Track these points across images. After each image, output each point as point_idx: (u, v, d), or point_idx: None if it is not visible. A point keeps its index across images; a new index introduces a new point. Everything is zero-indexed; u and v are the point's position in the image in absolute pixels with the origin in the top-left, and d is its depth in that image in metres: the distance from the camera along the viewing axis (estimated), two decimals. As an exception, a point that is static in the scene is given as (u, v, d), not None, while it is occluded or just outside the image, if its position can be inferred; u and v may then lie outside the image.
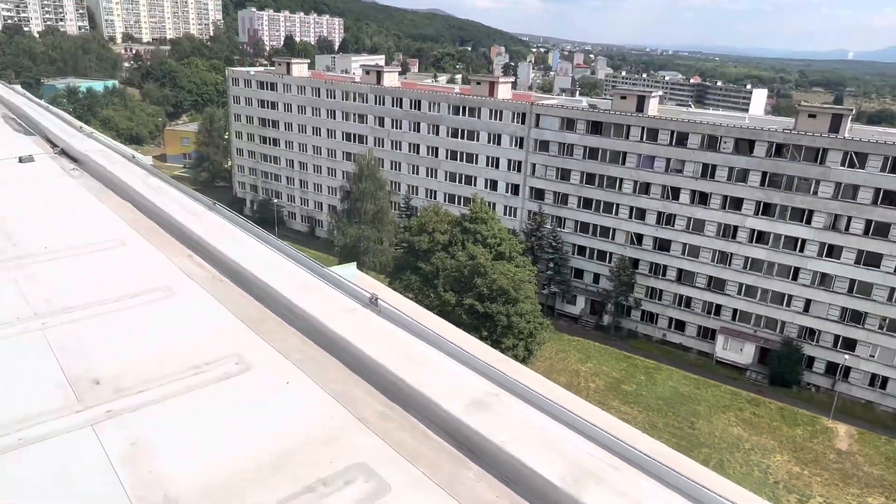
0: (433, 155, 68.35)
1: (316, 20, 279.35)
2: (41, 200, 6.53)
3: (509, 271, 42.93)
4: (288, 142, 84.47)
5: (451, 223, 49.66)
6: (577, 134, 54.37)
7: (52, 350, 3.57)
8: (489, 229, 46.41)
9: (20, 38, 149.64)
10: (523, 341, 42.25)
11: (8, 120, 11.20)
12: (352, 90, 75.00)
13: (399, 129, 70.68)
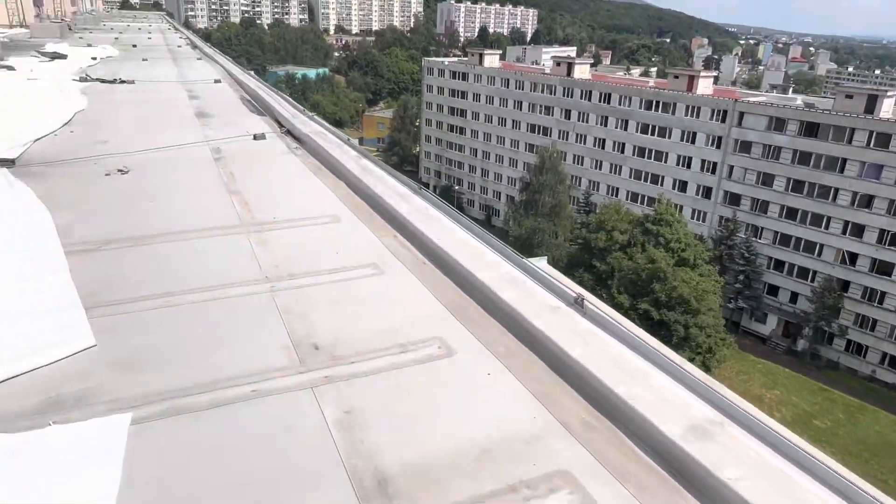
0: (619, 151, 65.75)
1: (511, 11, 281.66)
2: (270, 174, 7.29)
3: (692, 279, 40.05)
4: (473, 131, 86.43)
5: (631, 223, 47.52)
6: (787, 136, 48.74)
7: (280, 312, 3.91)
8: (673, 233, 43.62)
9: (253, 30, 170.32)
10: (700, 356, 39.28)
11: (245, 101, 12.70)
12: (540, 81, 74.47)
13: (585, 122, 68.92)
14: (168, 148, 8.28)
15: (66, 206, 5.87)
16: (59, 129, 9.41)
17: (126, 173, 7.08)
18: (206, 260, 4.74)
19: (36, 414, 2.90)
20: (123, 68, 17.82)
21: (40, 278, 4.26)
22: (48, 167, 7.33)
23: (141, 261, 4.69)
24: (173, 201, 6.16)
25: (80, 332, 3.55)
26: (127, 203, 6.06)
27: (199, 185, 6.73)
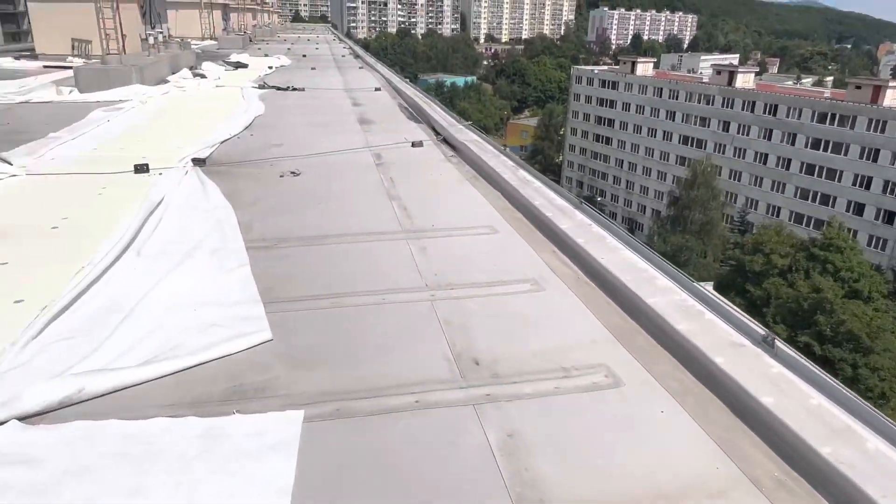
0: (783, 167, 60.34)
1: (667, 17, 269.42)
2: (428, 181, 7.44)
3: (865, 314, 35.66)
4: (620, 141, 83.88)
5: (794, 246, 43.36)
6: None
7: (440, 322, 3.91)
8: (845, 260, 39.15)
9: (408, 40, 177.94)
10: (871, 402, 34.78)
11: (402, 109, 13.18)
12: (697, 91, 70.40)
13: (746, 135, 64.04)
14: (334, 152, 8.77)
15: (247, 205, 6.37)
16: (241, 132, 10.34)
17: (298, 175, 7.57)
18: (371, 264, 4.89)
19: (222, 401, 3.11)
20: (295, 76, 19.30)
21: (226, 271, 4.63)
22: (232, 167, 8.05)
23: (312, 260, 4.94)
24: (340, 204, 6.47)
25: (259, 326, 3.78)
26: (299, 204, 6.46)
27: (363, 189, 7.03)
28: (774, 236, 44.40)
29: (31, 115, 11.91)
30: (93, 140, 9.61)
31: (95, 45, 21.91)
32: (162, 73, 16.76)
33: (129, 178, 7.44)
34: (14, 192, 6.82)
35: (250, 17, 59.86)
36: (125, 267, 4.69)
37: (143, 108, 12.69)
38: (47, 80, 16.62)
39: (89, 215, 6.08)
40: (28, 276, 4.56)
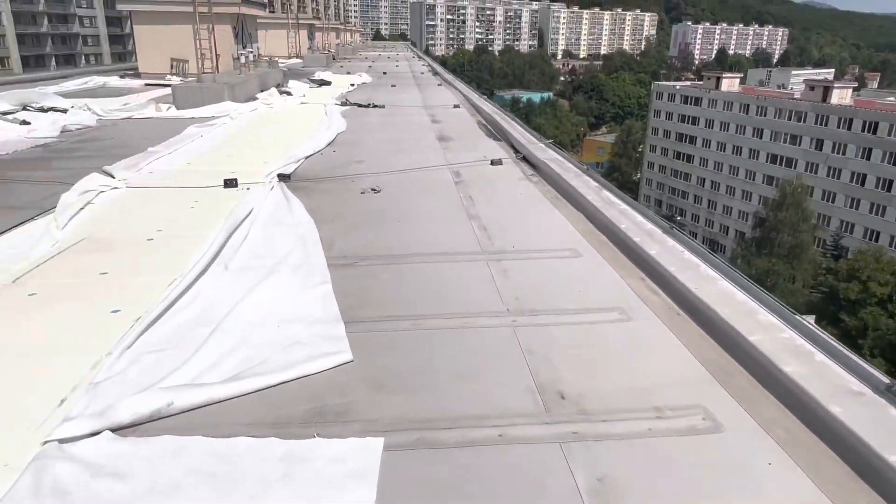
0: (884, 188, 56.36)
1: (755, 31, 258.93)
2: (508, 200, 7.32)
3: (980, 352, 32.55)
4: (702, 159, 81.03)
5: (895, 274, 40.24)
6: None
7: (522, 350, 3.77)
8: (956, 292, 35.99)
9: (485, 56, 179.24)
10: None
11: (481, 126, 13.15)
12: (787, 107, 67.03)
13: (842, 154, 60.32)
14: (414, 170, 8.81)
15: (329, 220, 6.46)
16: (324, 148, 10.60)
17: (378, 192, 7.64)
18: (451, 285, 4.81)
19: (302, 423, 3.09)
20: (376, 93, 19.73)
21: (309, 288, 4.67)
22: (315, 183, 8.22)
23: (392, 279, 4.92)
24: (420, 222, 6.46)
25: (340, 347, 3.77)
26: (379, 221, 6.49)
27: (442, 207, 6.99)
28: (873, 262, 41.38)
29: (133, 131, 12.69)
30: (187, 155, 10.10)
31: (192, 64, 23.24)
32: (251, 90, 17.53)
33: (219, 192, 7.73)
34: (115, 203, 7.22)
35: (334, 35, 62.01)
36: (214, 280, 4.82)
37: (232, 124, 13.28)
38: (147, 97, 17.73)
39: (182, 227, 6.34)
40: (125, 286, 4.77)
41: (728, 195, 75.39)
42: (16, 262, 5.24)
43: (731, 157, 75.38)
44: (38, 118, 13.20)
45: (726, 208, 75.51)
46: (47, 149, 10.76)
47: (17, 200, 7.36)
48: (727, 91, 78.24)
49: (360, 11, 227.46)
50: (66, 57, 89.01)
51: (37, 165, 9.37)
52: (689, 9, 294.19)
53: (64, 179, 8.09)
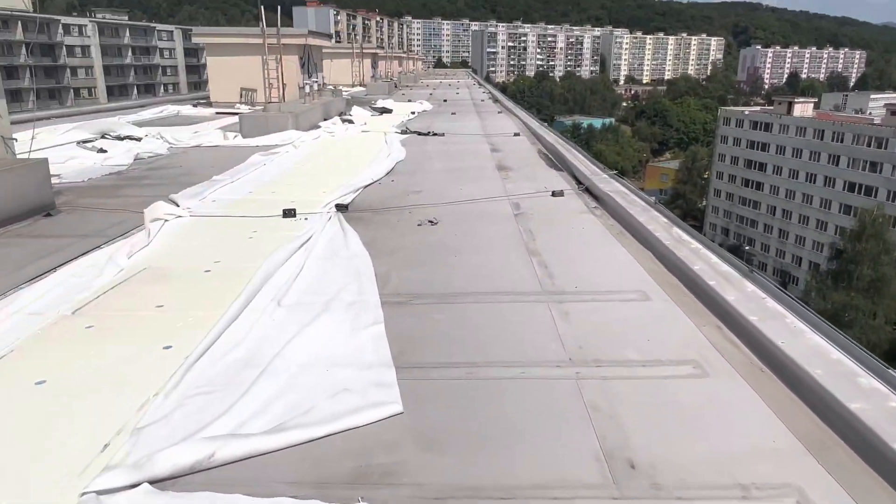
0: (978, 220, 52.51)
1: (830, 54, 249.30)
2: (570, 235, 7.00)
3: None
4: (773, 187, 78.02)
5: None
6: None
7: (587, 407, 3.45)
8: None
9: (545, 83, 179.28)
10: None
11: (542, 155, 12.88)
12: (867, 133, 63.85)
13: (929, 183, 56.69)
14: (472, 201, 8.62)
15: (385, 254, 6.32)
16: (383, 177, 10.57)
17: (435, 224, 7.47)
18: (508, 328, 4.54)
19: (347, 483, 2.87)
20: (436, 121, 19.80)
21: (361, 328, 4.50)
22: (372, 213, 8.15)
23: (446, 321, 4.69)
24: (477, 257, 6.23)
25: (390, 396, 3.56)
26: (435, 256, 6.30)
27: (501, 241, 6.74)
28: (966, 300, 38.28)
29: (201, 158, 13.08)
30: (249, 183, 10.26)
31: (260, 93, 24.05)
32: (315, 118, 17.89)
33: (278, 222, 7.75)
34: (178, 233, 7.32)
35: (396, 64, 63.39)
36: (266, 317, 4.72)
37: (295, 152, 13.51)
38: (216, 125, 18.37)
39: (239, 259, 6.33)
40: (179, 320, 4.73)
41: (801, 224, 72.06)
42: (79, 291, 5.31)
43: (805, 184, 72.28)
44: (115, 146, 13.82)
45: (799, 238, 72.09)
46: (120, 176, 11.18)
47: (87, 227, 7.58)
48: (800, 116, 75.38)
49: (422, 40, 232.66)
50: (146, 86, 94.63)
51: (109, 193, 9.71)
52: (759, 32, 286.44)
53: (132, 207, 8.33)
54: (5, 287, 5.45)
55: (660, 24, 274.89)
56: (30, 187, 8.01)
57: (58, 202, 8.74)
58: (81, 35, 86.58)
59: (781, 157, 76.16)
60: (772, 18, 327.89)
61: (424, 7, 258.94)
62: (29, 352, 4.26)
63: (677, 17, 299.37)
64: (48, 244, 6.82)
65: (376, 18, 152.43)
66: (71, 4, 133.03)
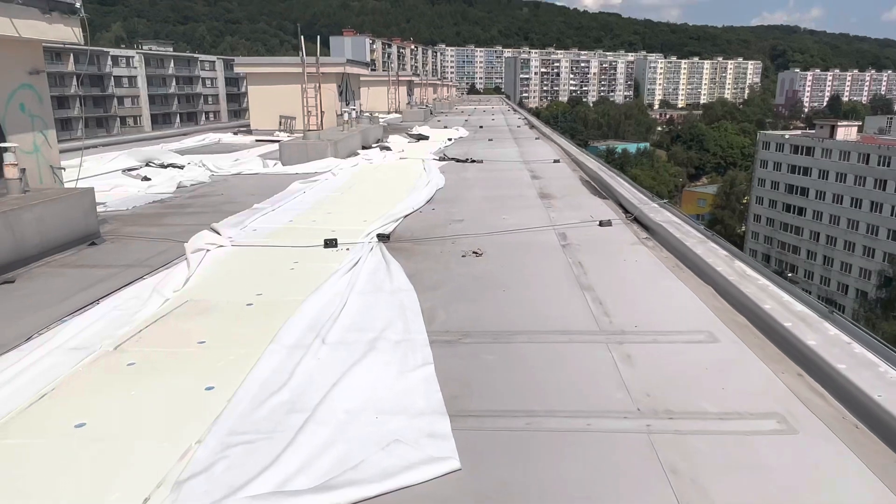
0: None
1: (873, 77, 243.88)
2: (622, 268, 6.68)
3: None
4: (816, 212, 76.07)
5: None
6: None
7: (664, 469, 3.12)
8: None
9: (579, 108, 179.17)
10: None
11: (584, 182, 12.59)
12: (917, 157, 61.76)
13: (985, 208, 54.42)
14: (517, 231, 8.37)
15: (429, 288, 6.09)
16: (423, 205, 10.41)
17: (480, 255, 7.23)
18: (567, 372, 4.24)
19: (404, 553, 2.60)
20: (473, 148, 19.69)
21: (410, 370, 4.26)
22: (415, 243, 7.95)
23: (500, 362, 4.42)
24: (527, 292, 5.95)
25: (446, 450, 3.28)
26: (482, 290, 6.05)
27: (550, 275, 6.45)
28: None
29: (242, 186, 13.15)
30: (290, 212, 10.21)
31: (298, 120, 24.38)
32: (354, 145, 17.96)
33: (319, 253, 7.61)
34: (220, 263, 7.23)
35: (431, 91, 64.01)
36: (310, 356, 4.51)
37: (334, 180, 13.49)
38: (256, 153, 18.59)
39: (282, 291, 6.18)
40: (221, 358, 4.56)
41: (847, 251, 69.84)
42: (122, 325, 5.20)
43: (850, 210, 70.25)
44: (158, 174, 14.02)
45: (845, 265, 69.76)
46: (163, 204, 11.28)
47: (130, 257, 7.56)
48: (844, 140, 73.54)
49: (455, 67, 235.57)
50: (188, 114, 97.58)
51: (152, 221, 9.76)
52: (797, 56, 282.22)
53: (175, 236, 8.31)
54: (49, 319, 5.39)
55: (694, 49, 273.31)
56: (76, 217, 8.06)
57: (102, 231, 8.79)
58: (129, 66, 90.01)
59: (825, 182, 74.40)
60: (810, 41, 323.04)
61: (458, 35, 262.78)
62: (70, 390, 4.12)
63: (712, 42, 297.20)
64: (92, 274, 6.80)
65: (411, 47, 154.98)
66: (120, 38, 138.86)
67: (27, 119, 8.74)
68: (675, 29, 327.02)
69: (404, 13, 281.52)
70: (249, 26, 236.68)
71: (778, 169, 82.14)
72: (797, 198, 78.26)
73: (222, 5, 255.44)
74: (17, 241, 7.02)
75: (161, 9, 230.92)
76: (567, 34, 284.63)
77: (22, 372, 4.33)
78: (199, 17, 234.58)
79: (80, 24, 8.95)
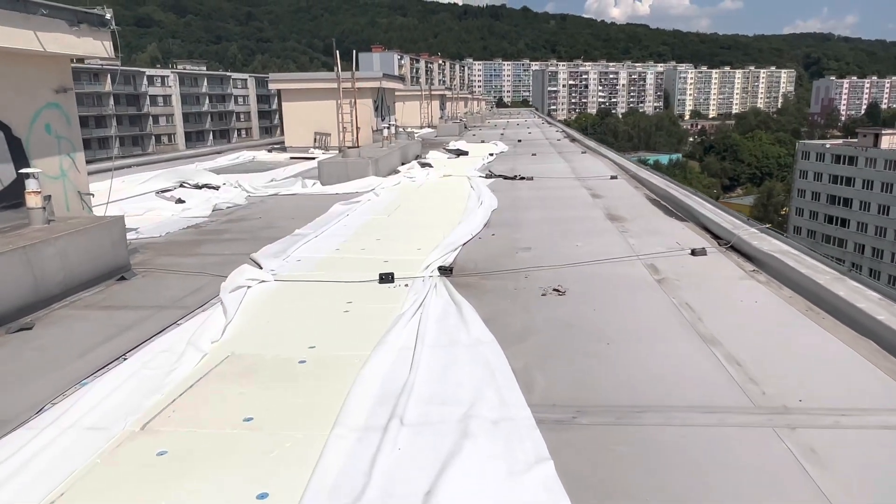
0: None
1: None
2: (743, 312, 5.55)
3: None
4: (861, 224, 73.59)
5: None
6: None
7: None
8: None
9: (609, 119, 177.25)
10: None
11: (653, 201, 11.44)
12: (973, 166, 59.08)
13: None
14: (596, 262, 7.29)
15: (514, 339, 5.06)
16: (481, 230, 9.40)
17: (563, 294, 6.18)
18: (732, 473, 3.15)
19: None
20: (518, 163, 18.66)
21: (523, 470, 3.21)
22: (480, 278, 6.93)
23: (637, 457, 3.35)
24: (636, 346, 4.87)
25: None
26: (579, 342, 4.99)
27: (657, 321, 5.36)
28: None
29: (280, 208, 12.33)
30: (334, 238, 9.30)
31: (333, 136, 23.69)
32: (394, 163, 17.10)
33: (375, 290, 6.64)
34: (263, 304, 6.30)
35: (462, 105, 63.31)
36: (387, 444, 3.51)
37: (378, 201, 12.58)
38: (293, 171, 17.86)
39: (338, 343, 5.20)
40: (274, 447, 3.57)
41: (894, 264, 67.00)
42: (151, 392, 4.28)
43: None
44: (193, 196, 13.30)
45: (893, 279, 66.79)
46: (199, 229, 10.48)
47: (163, 295, 6.69)
48: (889, 149, 70.90)
49: (483, 80, 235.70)
50: (221, 132, 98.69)
51: (187, 249, 8.94)
52: (832, 63, 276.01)
53: (211, 268, 7.46)
54: (67, 381, 4.50)
55: (725, 58, 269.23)
56: (104, 249, 7.23)
57: (133, 262, 7.98)
58: (163, 85, 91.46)
59: (869, 193, 72.02)
60: (845, 48, 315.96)
61: (485, 49, 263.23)
62: (82, 498, 3.18)
63: (744, 51, 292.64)
64: (120, 318, 5.93)
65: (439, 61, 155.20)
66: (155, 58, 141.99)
67: (53, 141, 8.00)
68: (705, 39, 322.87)
69: (432, 28, 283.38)
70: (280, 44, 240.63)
71: (819, 179, 79.88)
72: (840, 209, 75.92)
73: (254, 24, 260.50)
74: (38, 279, 6.19)
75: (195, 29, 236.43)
76: (595, 46, 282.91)
77: (25, 465, 3.41)
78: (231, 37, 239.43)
79: (111, 38, 8.22)
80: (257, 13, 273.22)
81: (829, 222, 77.95)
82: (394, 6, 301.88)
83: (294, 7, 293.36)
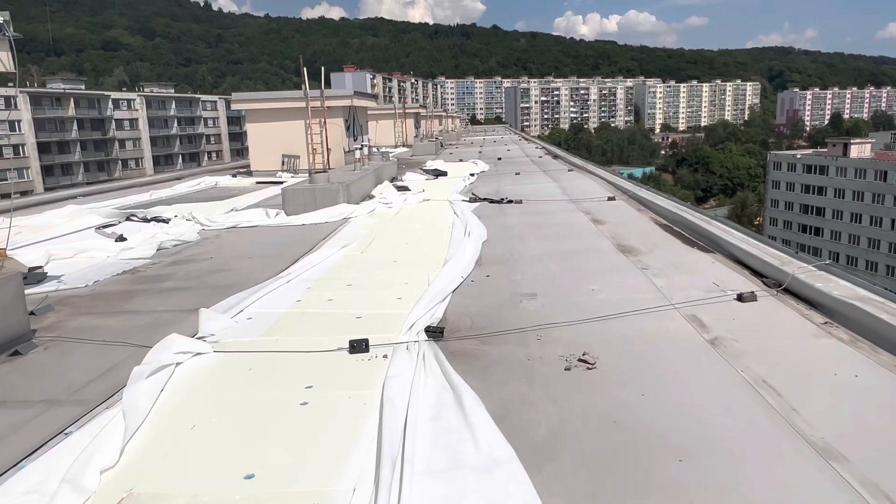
0: None
1: (872, 94, 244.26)
2: (842, 393, 4.10)
3: None
4: (834, 232, 74.46)
5: None
6: None
7: None
8: None
9: (582, 135, 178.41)
10: None
11: (663, 227, 10.07)
12: (944, 173, 59.76)
13: None
14: (623, 314, 5.81)
15: (539, 452, 3.54)
16: (472, 270, 7.89)
17: (593, 367, 4.68)
18: None
19: None
20: (502, 184, 17.28)
21: None
22: (481, 343, 5.40)
23: None
24: (712, 461, 3.36)
25: None
26: (637, 457, 3.47)
27: (737, 418, 3.87)
28: None
29: (237, 245, 10.69)
30: (298, 285, 7.70)
31: (303, 159, 22.09)
32: (367, 187, 15.57)
33: (344, 363, 5.08)
34: (190, 392, 4.68)
35: (437, 123, 62.13)
36: None
37: (349, 233, 11.02)
38: (257, 198, 16.22)
39: (290, 467, 3.61)
40: None
41: (869, 271, 67.77)
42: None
43: (870, 228, 68.69)
44: (137, 232, 11.59)
45: (871, 286, 67.19)
46: (135, 276, 8.79)
47: (64, 380, 5.04)
48: (859, 158, 71.92)
49: (456, 98, 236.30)
50: (191, 155, 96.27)
51: (114, 304, 7.28)
52: (794, 76, 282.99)
53: (137, 334, 5.86)
54: None
55: (692, 73, 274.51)
56: (-10, 317, 5.56)
57: (42, 325, 6.34)
58: (130, 108, 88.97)
59: (841, 201, 72.94)
60: (806, 61, 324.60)
61: (457, 68, 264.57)
62: None
63: (709, 65, 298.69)
64: (-10, 424, 4.28)
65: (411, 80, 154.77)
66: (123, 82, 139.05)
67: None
68: (672, 54, 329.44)
69: (403, 48, 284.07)
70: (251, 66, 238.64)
71: (791, 189, 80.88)
72: (813, 218, 76.88)
73: (224, 46, 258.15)
74: None
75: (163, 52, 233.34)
76: (565, 63, 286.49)
77: None
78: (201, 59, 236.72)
79: (7, 48, 6.61)
80: (227, 35, 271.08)
81: (804, 231, 78.62)
82: (365, 26, 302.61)
83: (265, 29, 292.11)
